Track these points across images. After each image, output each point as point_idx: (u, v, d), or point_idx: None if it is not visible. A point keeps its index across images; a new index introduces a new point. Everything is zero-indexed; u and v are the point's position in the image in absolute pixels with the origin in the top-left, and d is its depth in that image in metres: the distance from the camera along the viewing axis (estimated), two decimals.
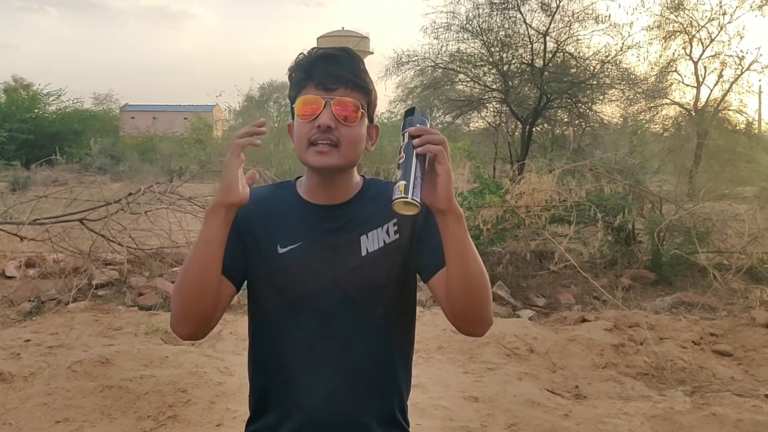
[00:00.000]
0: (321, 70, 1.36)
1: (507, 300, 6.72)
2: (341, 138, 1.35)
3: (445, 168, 1.24)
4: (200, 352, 4.59)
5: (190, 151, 23.30)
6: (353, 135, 1.37)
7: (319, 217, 1.42)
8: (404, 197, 1.22)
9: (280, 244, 1.40)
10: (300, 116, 1.37)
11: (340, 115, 1.34)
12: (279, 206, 1.45)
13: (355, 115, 1.36)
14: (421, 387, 4.13)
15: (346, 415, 1.39)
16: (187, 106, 46.27)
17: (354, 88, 1.36)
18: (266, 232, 1.41)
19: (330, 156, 1.35)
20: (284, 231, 1.41)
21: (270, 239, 1.41)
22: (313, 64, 1.37)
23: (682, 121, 16.81)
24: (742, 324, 5.73)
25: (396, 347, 1.45)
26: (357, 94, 1.37)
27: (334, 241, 1.40)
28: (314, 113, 1.35)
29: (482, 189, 7.49)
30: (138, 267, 7.35)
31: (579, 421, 3.73)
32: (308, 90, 1.36)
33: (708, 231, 7.55)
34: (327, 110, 1.34)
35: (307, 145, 1.36)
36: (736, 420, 3.68)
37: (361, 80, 1.38)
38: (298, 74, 1.39)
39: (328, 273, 1.38)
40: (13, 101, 33.58)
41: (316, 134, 1.35)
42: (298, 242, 1.40)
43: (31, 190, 15.81)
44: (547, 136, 15.30)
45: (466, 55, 14.57)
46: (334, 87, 1.35)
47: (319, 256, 1.39)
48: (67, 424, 3.51)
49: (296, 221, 1.42)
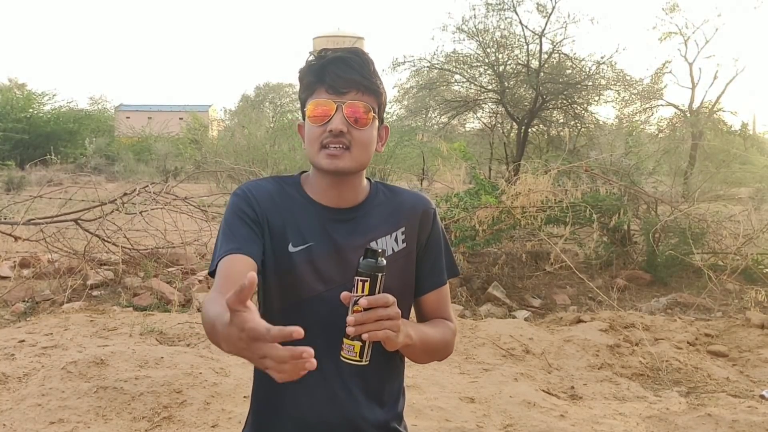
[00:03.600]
0: (332, 74, 1.35)
1: (503, 301, 6.73)
2: (353, 141, 1.36)
3: (390, 345, 1.25)
4: (195, 353, 4.58)
5: (186, 152, 23.22)
6: (365, 138, 1.37)
7: (330, 220, 1.42)
8: (358, 361, 1.22)
9: (292, 242, 1.40)
10: (312, 120, 1.37)
11: (351, 119, 1.34)
12: (290, 204, 1.43)
13: (366, 119, 1.36)
14: (416, 388, 4.13)
15: (345, 419, 1.40)
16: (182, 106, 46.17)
17: (365, 91, 1.36)
18: (279, 228, 1.40)
19: (342, 159, 1.35)
20: (296, 230, 1.40)
21: (282, 236, 1.40)
22: (325, 67, 1.36)
23: (677, 122, 16.87)
24: (737, 325, 5.75)
25: (395, 353, 1.45)
26: (368, 97, 1.37)
27: (345, 246, 1.40)
28: (326, 117, 1.35)
29: (478, 189, 7.50)
30: (133, 267, 7.33)
31: (574, 422, 3.73)
32: (320, 93, 1.36)
33: (703, 232, 7.57)
34: (339, 114, 1.34)
35: (319, 148, 1.36)
36: (731, 420, 3.69)
37: (373, 83, 1.37)
38: (309, 77, 1.38)
39: (336, 277, 1.38)
40: (8, 101, 33.45)
41: (328, 138, 1.35)
42: (309, 243, 1.40)
43: (25, 190, 15.76)
44: (542, 137, 15.33)
45: (461, 56, 14.60)
46: (345, 90, 1.34)
47: (328, 260, 1.39)
48: (62, 425, 3.49)
49: (307, 221, 1.41)
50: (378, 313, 1.17)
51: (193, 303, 6.30)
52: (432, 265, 1.47)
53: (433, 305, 1.46)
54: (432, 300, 1.47)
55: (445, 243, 1.52)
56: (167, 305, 6.26)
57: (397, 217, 1.45)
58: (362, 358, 1.21)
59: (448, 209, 7.21)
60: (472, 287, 7.03)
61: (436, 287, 1.48)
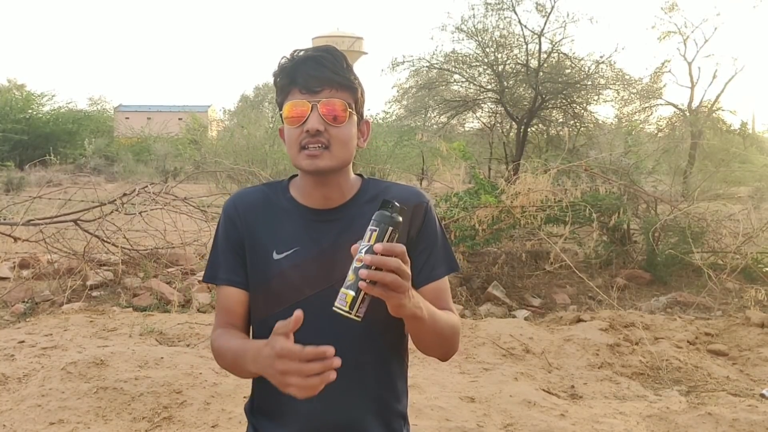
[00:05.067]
0: (304, 74, 1.34)
1: (502, 300, 6.72)
2: (331, 139, 1.34)
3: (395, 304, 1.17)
4: (195, 353, 4.58)
5: (185, 152, 23.21)
6: (343, 135, 1.36)
7: (314, 222, 1.41)
8: (347, 312, 1.14)
9: (276, 250, 1.39)
10: (288, 121, 1.36)
11: (328, 117, 1.33)
12: (273, 210, 1.43)
13: (343, 115, 1.35)
14: (417, 387, 4.13)
15: (343, 420, 1.39)
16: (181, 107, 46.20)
17: (339, 87, 1.35)
18: (261, 239, 1.41)
19: (322, 159, 1.35)
20: (279, 237, 1.40)
21: (265, 246, 1.40)
22: (296, 68, 1.35)
23: (676, 121, 16.88)
24: (737, 324, 5.75)
25: (391, 351, 1.45)
26: (343, 93, 1.35)
27: (330, 247, 1.39)
28: (302, 117, 1.34)
29: (477, 189, 7.49)
30: (133, 268, 7.32)
31: (575, 421, 3.73)
32: (294, 95, 1.35)
33: (703, 231, 7.58)
34: (314, 113, 1.33)
35: (299, 149, 1.36)
36: (732, 419, 3.69)
37: (346, 79, 1.36)
38: (282, 80, 1.38)
39: (323, 279, 1.36)
40: (7, 101, 33.43)
41: (306, 138, 1.34)
42: (294, 248, 1.39)
43: (25, 190, 15.77)
44: (542, 137, 15.35)
45: (461, 56, 14.61)
46: (319, 89, 1.33)
47: (315, 262, 1.38)
48: (62, 425, 3.49)
49: (291, 226, 1.41)
50: (382, 260, 1.11)
51: (192, 303, 6.30)
52: (426, 259, 1.42)
53: (431, 300, 1.39)
54: (428, 294, 1.39)
55: (442, 237, 1.48)
56: (167, 306, 6.26)
57: None
58: (351, 310, 1.14)
59: (448, 209, 7.21)
60: (471, 287, 7.03)
61: (431, 281, 1.43)
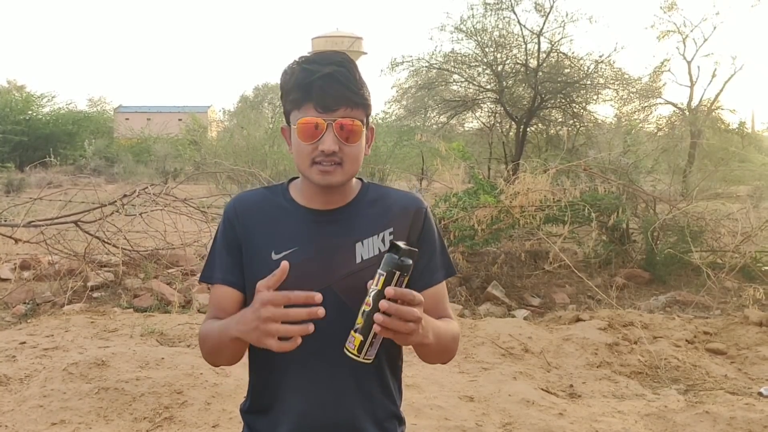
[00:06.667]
0: (320, 90, 1.32)
1: (502, 300, 6.74)
2: (344, 157, 1.35)
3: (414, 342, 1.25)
4: (196, 354, 4.59)
5: (185, 153, 23.24)
6: (356, 152, 1.37)
7: (314, 222, 1.42)
8: (355, 355, 1.18)
9: (275, 250, 1.40)
10: (301, 137, 1.35)
11: (342, 137, 1.33)
12: (273, 212, 1.45)
13: (358, 135, 1.36)
14: (416, 387, 4.15)
15: (338, 420, 1.40)
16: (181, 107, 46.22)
17: (354, 106, 1.34)
18: (260, 239, 1.42)
19: (334, 175, 1.36)
20: (278, 237, 1.41)
21: (264, 246, 1.41)
22: (312, 84, 1.33)
23: (675, 120, 16.88)
24: (735, 322, 5.76)
25: (385, 352, 1.45)
26: (357, 111, 1.35)
27: (329, 247, 1.40)
28: (317, 136, 1.33)
29: (477, 189, 7.51)
30: (133, 269, 7.34)
31: (573, 420, 3.75)
32: (308, 110, 1.33)
33: (701, 230, 7.59)
34: (329, 133, 1.32)
35: (311, 163, 1.36)
36: (729, 418, 3.71)
37: (361, 96, 1.35)
38: (296, 93, 1.35)
39: (321, 278, 1.37)
40: (7, 103, 33.45)
41: (320, 156, 1.34)
42: (293, 248, 1.40)
43: (25, 192, 15.78)
44: (541, 136, 15.36)
45: (460, 56, 14.62)
46: (335, 108, 1.32)
47: (314, 262, 1.39)
48: (63, 426, 3.50)
49: (291, 226, 1.42)
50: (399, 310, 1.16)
51: (193, 304, 6.32)
52: (425, 264, 1.45)
53: (430, 304, 1.41)
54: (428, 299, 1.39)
55: (441, 242, 1.50)
56: (167, 306, 6.28)
57: (386, 218, 1.44)
58: (359, 354, 1.18)
59: (447, 209, 7.23)
60: (471, 287, 7.04)
61: (430, 285, 1.45)
